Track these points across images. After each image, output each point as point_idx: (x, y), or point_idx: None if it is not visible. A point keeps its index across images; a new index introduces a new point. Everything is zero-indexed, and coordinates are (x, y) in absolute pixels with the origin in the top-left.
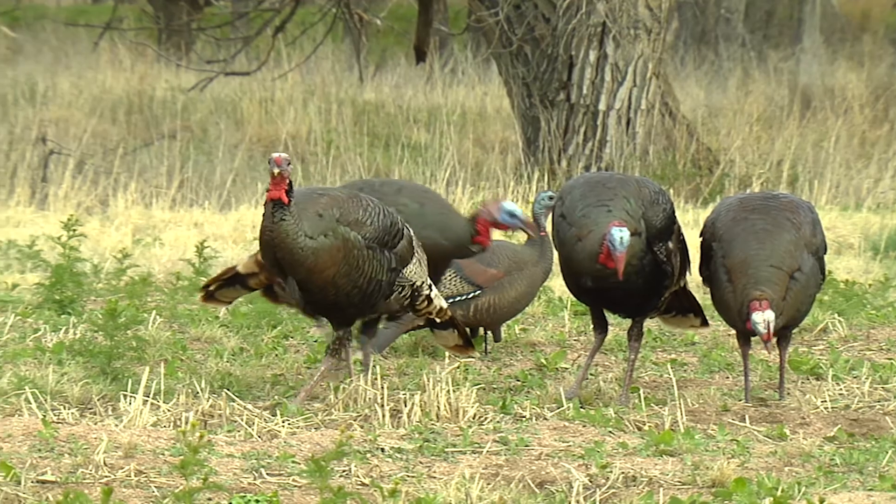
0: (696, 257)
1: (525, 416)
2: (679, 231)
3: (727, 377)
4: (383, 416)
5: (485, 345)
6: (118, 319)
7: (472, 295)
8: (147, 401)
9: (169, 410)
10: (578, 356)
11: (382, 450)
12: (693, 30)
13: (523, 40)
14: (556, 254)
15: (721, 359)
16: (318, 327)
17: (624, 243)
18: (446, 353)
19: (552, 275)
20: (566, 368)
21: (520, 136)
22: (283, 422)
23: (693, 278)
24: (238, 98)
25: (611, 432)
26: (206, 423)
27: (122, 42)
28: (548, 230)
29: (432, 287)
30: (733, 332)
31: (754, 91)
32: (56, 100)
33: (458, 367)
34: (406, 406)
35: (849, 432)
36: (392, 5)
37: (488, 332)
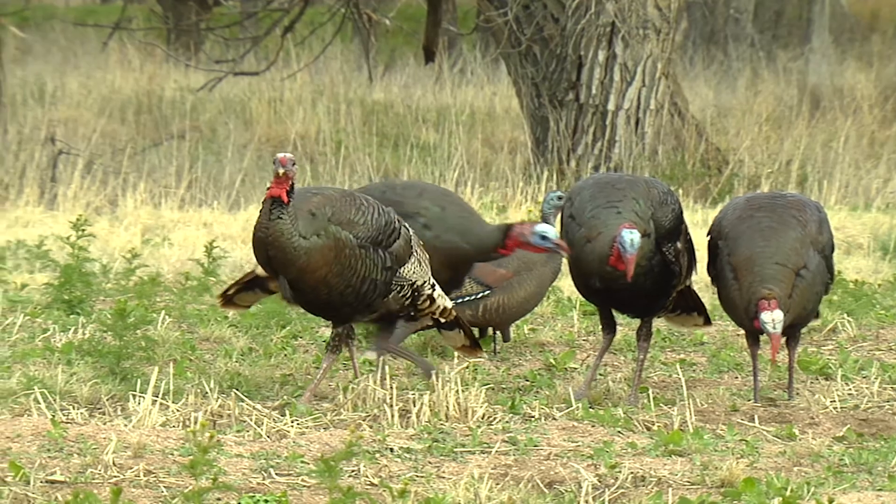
0: (704, 257)
1: (534, 416)
2: (686, 231)
3: (736, 377)
4: (392, 416)
5: (494, 345)
6: (127, 319)
7: (481, 295)
8: (156, 401)
9: (178, 410)
10: (587, 356)
11: (391, 450)
12: (702, 30)
13: (532, 40)
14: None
15: (730, 359)
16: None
17: (634, 245)
18: (455, 353)
19: (561, 275)
20: (575, 368)
21: (529, 136)
22: (293, 422)
23: (701, 278)
24: (247, 98)
25: (620, 432)
26: (215, 423)
27: (131, 42)
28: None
29: (435, 287)
30: (742, 332)
31: (763, 91)
32: (65, 100)
33: (467, 367)
34: (415, 406)
35: (858, 432)
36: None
37: (497, 332)
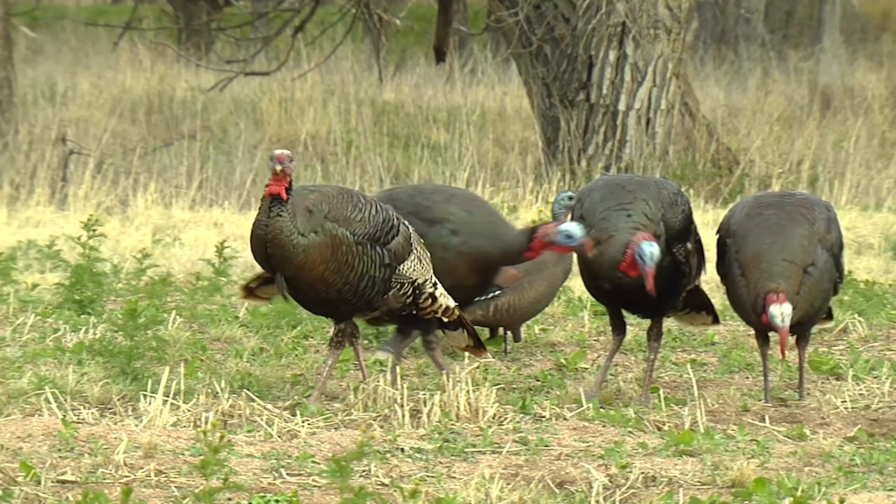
0: (714, 257)
1: (545, 417)
2: (695, 230)
3: (747, 377)
4: (403, 416)
5: (504, 345)
6: (138, 319)
7: (492, 295)
8: (167, 401)
9: (189, 410)
10: (598, 356)
11: (402, 450)
12: (713, 30)
13: (543, 40)
14: (574, 255)
15: (741, 359)
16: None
17: (654, 259)
18: (466, 354)
19: (571, 275)
20: (586, 368)
21: (539, 136)
22: (303, 422)
23: (712, 278)
24: (258, 98)
25: (630, 432)
26: (225, 423)
27: (142, 42)
28: None
29: (437, 285)
30: (753, 332)
31: (774, 91)
32: (76, 100)
33: (477, 368)
34: (426, 406)
35: (869, 432)
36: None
37: (508, 332)
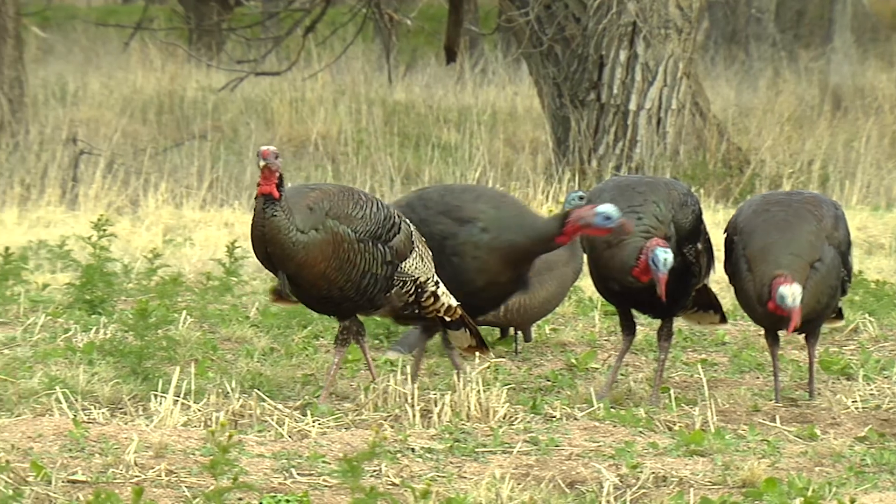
0: (723, 256)
1: (555, 417)
2: (705, 230)
3: (758, 377)
4: (414, 416)
5: (515, 345)
6: (149, 319)
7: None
8: (177, 401)
9: (199, 410)
10: (609, 356)
11: (413, 450)
12: (724, 29)
13: (554, 40)
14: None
15: (751, 359)
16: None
17: (668, 265)
18: (477, 354)
19: (582, 275)
20: (596, 368)
21: (550, 136)
22: (314, 422)
23: (721, 278)
24: (268, 98)
25: (641, 432)
26: (236, 423)
27: (153, 42)
28: None
29: (439, 284)
30: (763, 332)
31: (785, 91)
32: (86, 100)
33: (488, 368)
34: (436, 406)
35: (879, 432)
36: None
37: (519, 332)
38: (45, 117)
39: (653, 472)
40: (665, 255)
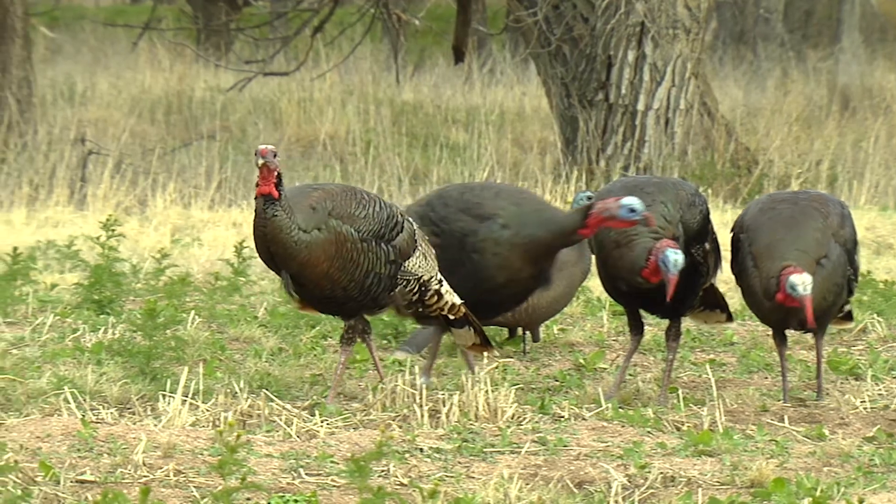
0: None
1: (564, 417)
2: (712, 230)
3: (766, 377)
4: (422, 416)
5: (523, 345)
6: (157, 319)
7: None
8: (186, 401)
9: (208, 410)
10: (617, 356)
11: (421, 450)
12: (732, 30)
13: (562, 40)
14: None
15: (760, 359)
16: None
17: (678, 266)
18: (485, 354)
19: (591, 275)
20: (605, 368)
21: (558, 136)
22: (322, 422)
23: (728, 278)
24: (276, 98)
25: (649, 432)
26: (244, 423)
27: (161, 42)
28: None
29: (443, 282)
30: (771, 332)
31: (793, 91)
32: (95, 100)
33: (496, 368)
34: (445, 406)
35: (888, 432)
36: (430, 5)
37: (527, 332)
38: (53, 117)
39: (661, 473)
40: (675, 257)
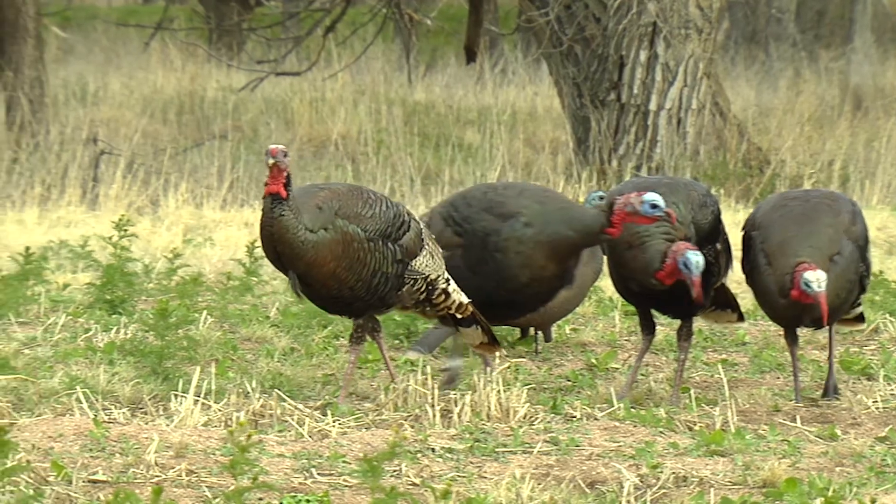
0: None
1: (576, 417)
2: (723, 230)
3: (778, 377)
4: (434, 416)
5: (535, 345)
6: (169, 319)
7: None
8: (198, 401)
9: (220, 410)
10: (629, 356)
11: (433, 450)
12: (744, 30)
13: (574, 40)
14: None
15: (772, 359)
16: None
17: (700, 267)
18: (496, 354)
19: (602, 275)
20: (617, 368)
21: (570, 136)
22: (334, 422)
23: (739, 277)
24: (289, 98)
25: (662, 432)
26: (256, 422)
27: (173, 42)
28: None
29: (450, 281)
30: (783, 332)
31: (805, 91)
32: (107, 100)
33: (508, 368)
34: (457, 406)
35: None
36: (442, 5)
37: (539, 332)
38: (65, 117)
39: (673, 473)
40: (696, 258)
